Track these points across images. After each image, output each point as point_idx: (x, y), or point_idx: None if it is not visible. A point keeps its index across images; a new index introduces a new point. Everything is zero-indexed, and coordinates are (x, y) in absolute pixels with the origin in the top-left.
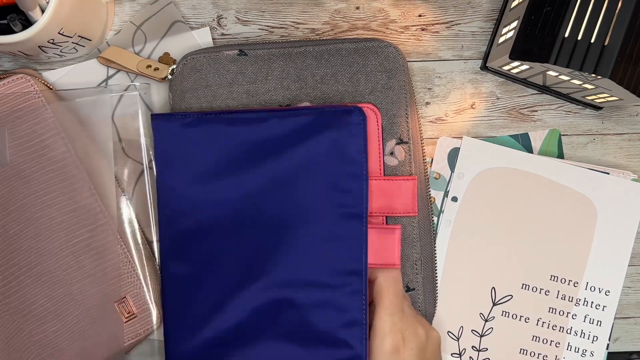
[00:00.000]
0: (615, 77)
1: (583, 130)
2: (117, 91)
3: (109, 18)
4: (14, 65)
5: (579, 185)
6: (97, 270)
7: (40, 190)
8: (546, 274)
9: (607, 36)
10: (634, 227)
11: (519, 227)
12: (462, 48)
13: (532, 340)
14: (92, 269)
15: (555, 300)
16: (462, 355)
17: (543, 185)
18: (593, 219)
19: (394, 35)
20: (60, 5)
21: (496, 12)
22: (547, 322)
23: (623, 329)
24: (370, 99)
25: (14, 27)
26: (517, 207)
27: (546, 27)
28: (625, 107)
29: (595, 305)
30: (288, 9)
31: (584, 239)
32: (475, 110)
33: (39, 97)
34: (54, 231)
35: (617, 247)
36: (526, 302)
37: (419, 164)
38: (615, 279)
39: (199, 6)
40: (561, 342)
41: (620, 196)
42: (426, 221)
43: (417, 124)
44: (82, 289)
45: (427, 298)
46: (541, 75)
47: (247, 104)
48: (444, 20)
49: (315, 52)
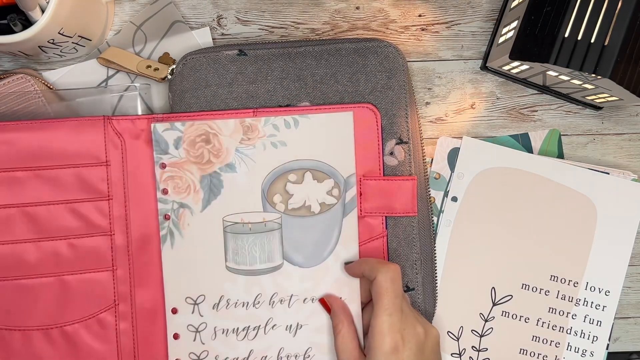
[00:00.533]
0: (615, 77)
1: (583, 130)
2: (117, 91)
3: (109, 18)
4: (14, 65)
5: (579, 185)
6: None
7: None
8: (546, 274)
9: (607, 36)
10: (634, 227)
11: (518, 227)
12: (462, 48)
13: (532, 340)
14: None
15: (555, 300)
16: (462, 355)
17: (543, 185)
18: (593, 219)
19: (394, 35)
20: (60, 5)
21: (496, 12)
22: (547, 322)
23: (623, 329)
24: (370, 99)
25: (14, 27)
26: (517, 207)
27: (546, 27)
28: (625, 107)
29: (595, 306)
30: (288, 9)
31: (584, 239)
32: (475, 110)
33: (39, 97)
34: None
35: (617, 247)
36: (526, 302)
37: (419, 164)
38: (615, 279)
39: (199, 6)
40: (561, 342)
41: (620, 196)
42: (426, 221)
43: (417, 124)
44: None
45: (426, 298)
46: (541, 75)
47: (247, 104)
48: (444, 20)
49: (315, 52)
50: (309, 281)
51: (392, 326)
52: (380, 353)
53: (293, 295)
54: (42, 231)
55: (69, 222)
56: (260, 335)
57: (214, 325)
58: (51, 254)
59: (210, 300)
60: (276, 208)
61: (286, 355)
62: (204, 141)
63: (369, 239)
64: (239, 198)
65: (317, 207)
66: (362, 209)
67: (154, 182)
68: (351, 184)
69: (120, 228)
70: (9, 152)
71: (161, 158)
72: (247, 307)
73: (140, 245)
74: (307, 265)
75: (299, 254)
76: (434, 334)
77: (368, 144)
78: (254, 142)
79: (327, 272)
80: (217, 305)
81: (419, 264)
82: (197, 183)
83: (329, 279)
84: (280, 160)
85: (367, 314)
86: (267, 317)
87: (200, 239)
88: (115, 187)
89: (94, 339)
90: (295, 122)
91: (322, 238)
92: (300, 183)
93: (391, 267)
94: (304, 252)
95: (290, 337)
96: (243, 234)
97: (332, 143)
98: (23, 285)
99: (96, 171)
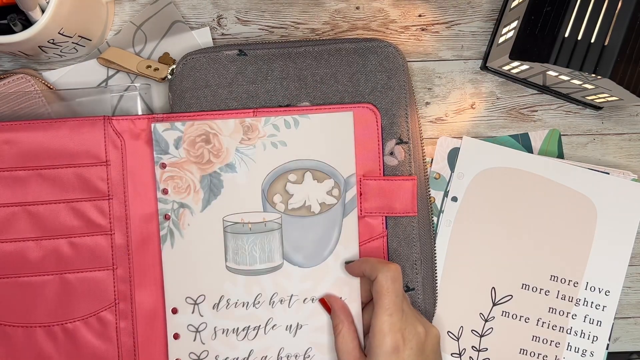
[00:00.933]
0: (615, 77)
1: (583, 130)
2: (117, 91)
3: (109, 18)
4: (14, 65)
5: (579, 185)
6: None
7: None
8: (546, 274)
9: (607, 36)
10: (634, 227)
11: (518, 227)
12: (462, 48)
13: (532, 341)
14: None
15: (555, 300)
16: (462, 355)
17: (543, 185)
18: (593, 219)
19: (394, 35)
20: (60, 5)
21: (496, 12)
22: (547, 322)
23: (623, 329)
24: (370, 99)
25: (14, 27)
26: (517, 207)
27: (546, 27)
28: (625, 107)
29: (595, 305)
30: (288, 9)
31: (584, 238)
32: (475, 110)
33: (39, 97)
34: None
35: (617, 247)
36: (526, 302)
37: (419, 164)
38: (615, 279)
39: (199, 6)
40: (561, 342)
41: (620, 196)
42: (426, 221)
43: (416, 124)
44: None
45: (426, 298)
46: (541, 75)
47: (247, 104)
48: (444, 20)
49: (315, 52)
50: (309, 281)
51: (393, 326)
52: (381, 352)
53: (293, 295)
54: (44, 229)
55: (70, 221)
56: (260, 335)
57: (214, 325)
58: (52, 252)
59: (211, 300)
60: (276, 208)
61: (286, 355)
62: (204, 141)
63: (369, 239)
64: (239, 198)
65: (317, 207)
66: (362, 209)
67: (154, 182)
68: (351, 184)
69: (120, 227)
70: (10, 152)
71: (161, 158)
72: (247, 307)
73: (140, 244)
74: (307, 265)
75: (299, 254)
76: (434, 333)
77: (368, 144)
78: (254, 142)
79: (327, 272)
80: (217, 305)
81: (419, 263)
82: (197, 183)
83: (329, 279)
84: (280, 160)
85: (367, 313)
86: (267, 317)
87: (201, 238)
88: (116, 187)
89: (95, 337)
90: (296, 122)
91: (322, 238)
92: (300, 183)
93: (392, 266)
94: (304, 252)
95: (291, 337)
96: (243, 234)
97: (332, 143)
98: (25, 283)
99: (96, 171)
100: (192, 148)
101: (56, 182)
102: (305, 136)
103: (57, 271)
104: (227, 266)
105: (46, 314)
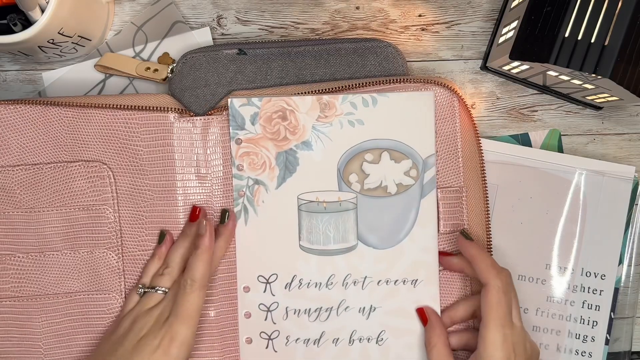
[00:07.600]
0: (615, 77)
1: (583, 130)
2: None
3: (109, 18)
4: (14, 65)
5: (574, 177)
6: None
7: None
8: (541, 264)
9: (607, 36)
10: (624, 208)
11: (513, 219)
12: (462, 48)
13: (532, 331)
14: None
15: (552, 289)
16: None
17: (539, 177)
18: (585, 206)
19: (393, 35)
20: (60, 5)
21: (496, 12)
22: (546, 311)
23: (623, 329)
24: None
25: (14, 27)
26: (511, 200)
27: (546, 27)
28: (625, 107)
29: (592, 290)
30: (288, 9)
31: (576, 224)
32: (475, 110)
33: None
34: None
35: (609, 230)
36: (524, 293)
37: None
38: (609, 262)
39: (199, 6)
40: (561, 330)
41: (614, 189)
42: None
43: None
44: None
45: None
46: (541, 75)
47: None
48: (444, 20)
49: (314, 52)
50: (383, 263)
51: (506, 339)
52: None
53: (367, 277)
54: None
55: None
56: (332, 316)
57: (285, 305)
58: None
59: (283, 279)
60: (352, 188)
61: (359, 338)
62: (281, 117)
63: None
64: (314, 176)
65: (394, 188)
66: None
67: (230, 158)
68: (430, 164)
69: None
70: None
71: (237, 134)
72: (320, 287)
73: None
74: (381, 247)
75: (373, 235)
76: (536, 350)
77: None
78: (331, 119)
79: (402, 254)
80: (290, 285)
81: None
82: (272, 160)
83: (404, 261)
84: (357, 139)
85: (464, 306)
86: (340, 298)
87: (274, 216)
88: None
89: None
90: (374, 101)
91: (399, 219)
92: (377, 163)
93: (503, 275)
94: (379, 233)
95: (364, 320)
96: (318, 212)
97: (411, 123)
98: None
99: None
100: (269, 124)
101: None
102: (384, 115)
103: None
104: (301, 245)
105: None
